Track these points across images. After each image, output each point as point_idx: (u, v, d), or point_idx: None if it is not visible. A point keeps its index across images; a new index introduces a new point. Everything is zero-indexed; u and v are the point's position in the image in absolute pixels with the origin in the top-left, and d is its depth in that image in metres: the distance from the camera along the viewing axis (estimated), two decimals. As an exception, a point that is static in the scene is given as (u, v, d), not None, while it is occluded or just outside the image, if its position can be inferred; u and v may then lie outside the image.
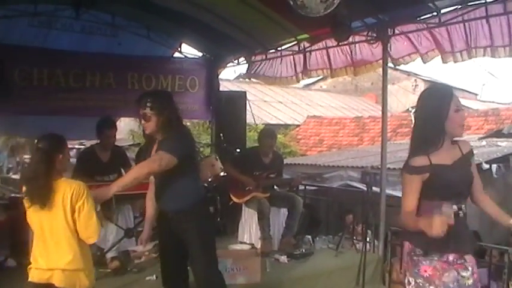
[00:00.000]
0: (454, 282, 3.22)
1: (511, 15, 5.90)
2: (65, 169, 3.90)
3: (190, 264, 4.61)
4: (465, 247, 3.30)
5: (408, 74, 26.39)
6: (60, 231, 3.71)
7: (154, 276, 5.81)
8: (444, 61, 6.74)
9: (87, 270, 3.82)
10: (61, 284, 3.69)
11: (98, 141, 6.94)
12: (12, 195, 9.16)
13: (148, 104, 4.29)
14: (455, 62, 6.64)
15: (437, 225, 2.96)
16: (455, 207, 3.22)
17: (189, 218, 4.42)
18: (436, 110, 3.25)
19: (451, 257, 3.24)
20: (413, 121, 3.43)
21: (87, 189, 3.74)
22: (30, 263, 3.83)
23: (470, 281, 3.27)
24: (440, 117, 3.23)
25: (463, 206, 3.31)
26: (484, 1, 5.93)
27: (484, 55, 6.31)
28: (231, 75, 27.73)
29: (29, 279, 3.78)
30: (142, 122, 4.34)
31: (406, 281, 3.32)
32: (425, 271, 3.24)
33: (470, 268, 3.28)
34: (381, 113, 7.64)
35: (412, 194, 3.27)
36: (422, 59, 7.06)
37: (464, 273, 3.26)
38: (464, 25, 6.32)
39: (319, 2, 5.07)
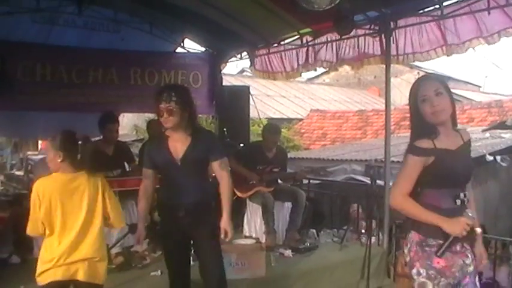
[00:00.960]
0: (459, 271, 3.22)
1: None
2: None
3: (199, 259, 4.57)
4: (467, 236, 3.23)
5: (411, 66, 26.33)
6: (90, 221, 3.93)
7: (159, 271, 5.82)
8: (448, 54, 6.71)
9: (105, 261, 4.06)
10: (85, 277, 3.84)
11: (101, 137, 6.96)
12: (16, 191, 9.20)
13: (173, 98, 4.26)
14: (458, 53, 6.60)
15: (461, 226, 3.06)
16: (462, 195, 3.22)
17: (207, 210, 4.47)
18: (411, 103, 3.34)
19: (458, 247, 3.22)
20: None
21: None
22: (35, 264, 3.86)
23: (471, 268, 3.28)
24: (415, 110, 3.31)
25: (467, 193, 3.30)
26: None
27: (484, 44, 6.27)
28: (234, 69, 27.70)
29: (51, 280, 3.79)
30: (165, 115, 4.27)
31: (415, 271, 3.26)
32: (438, 263, 3.20)
33: (469, 255, 3.28)
34: (384, 106, 7.62)
35: (412, 177, 3.23)
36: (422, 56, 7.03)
37: (467, 261, 3.25)
38: (468, 16, 6.28)
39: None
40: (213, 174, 4.64)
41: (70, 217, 3.83)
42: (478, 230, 3.27)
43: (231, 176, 4.57)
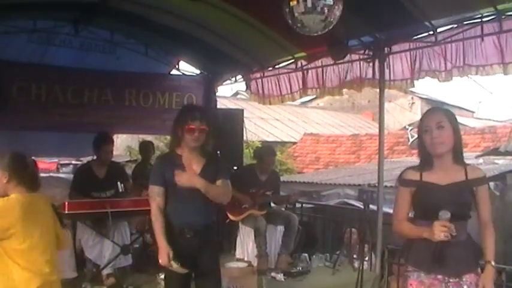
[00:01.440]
0: None
1: (507, 34, 5.93)
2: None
3: (200, 280, 4.54)
4: (460, 269, 3.33)
5: (405, 91, 26.45)
6: (53, 240, 3.88)
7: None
8: (440, 80, 6.76)
9: (59, 282, 3.96)
10: None
11: (95, 157, 6.96)
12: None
13: (204, 119, 4.42)
14: (448, 80, 6.66)
15: (437, 229, 3.15)
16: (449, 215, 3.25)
17: (212, 232, 4.53)
18: (418, 134, 3.52)
19: (439, 276, 3.32)
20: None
21: None
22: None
23: None
24: (420, 139, 3.47)
25: (452, 226, 3.27)
26: (479, 20, 5.97)
27: (477, 73, 6.34)
28: (228, 92, 27.77)
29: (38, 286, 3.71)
30: (196, 134, 4.35)
31: None
32: (411, 285, 3.37)
33: (465, 287, 3.32)
34: (377, 130, 7.65)
35: (402, 205, 3.48)
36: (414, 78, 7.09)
37: None
38: (463, 43, 6.34)
39: (318, 21, 5.10)
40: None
41: (44, 232, 3.76)
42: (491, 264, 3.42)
43: None
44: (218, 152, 8.94)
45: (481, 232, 3.50)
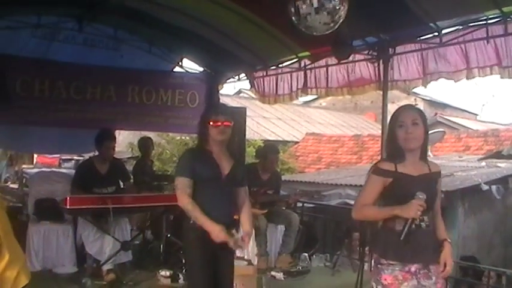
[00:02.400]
0: None
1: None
2: None
3: (218, 276, 4.44)
4: (428, 258, 3.43)
5: (408, 93, 26.42)
6: None
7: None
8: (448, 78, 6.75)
9: None
10: None
11: (97, 153, 6.97)
12: (10, 204, 9.16)
13: (229, 114, 4.51)
14: (455, 81, 6.64)
15: (415, 207, 3.27)
16: (417, 221, 3.38)
17: (235, 227, 4.53)
18: (389, 128, 3.63)
19: (413, 268, 3.40)
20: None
21: None
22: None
23: None
24: (391, 135, 3.58)
25: (426, 217, 3.45)
26: (484, 22, 5.96)
27: (480, 75, 6.33)
28: (231, 90, 27.74)
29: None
30: (222, 127, 4.39)
31: (371, 286, 3.58)
32: (385, 279, 3.42)
33: (433, 277, 3.43)
34: (380, 131, 7.64)
35: (371, 192, 3.51)
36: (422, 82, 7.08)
37: (425, 283, 3.41)
38: (465, 45, 6.34)
39: (323, 21, 5.09)
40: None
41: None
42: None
43: None
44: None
45: (434, 219, 3.60)
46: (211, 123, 4.37)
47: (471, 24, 6.13)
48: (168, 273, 6.36)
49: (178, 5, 7.27)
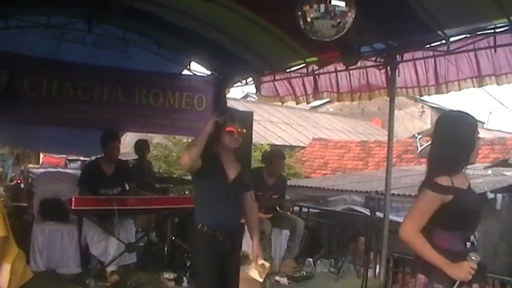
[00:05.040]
0: None
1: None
2: None
3: (224, 281, 4.45)
4: (475, 278, 3.21)
5: (415, 100, 26.41)
6: None
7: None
8: (447, 91, 6.77)
9: None
10: None
11: (103, 154, 6.98)
12: (15, 203, 9.20)
13: (242, 121, 4.53)
14: (461, 90, 6.64)
15: (466, 270, 3.06)
16: (473, 238, 3.22)
17: (240, 236, 4.63)
18: (467, 136, 3.28)
19: None
20: (433, 141, 3.41)
21: None
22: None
23: None
24: (470, 144, 3.27)
25: (476, 233, 3.29)
26: (492, 31, 5.95)
27: (488, 84, 6.33)
28: (238, 94, 27.79)
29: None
30: (235, 135, 4.38)
31: None
32: None
33: None
34: (386, 137, 7.63)
35: (428, 213, 3.19)
36: (424, 90, 7.10)
37: None
38: (476, 54, 6.33)
39: (331, 26, 5.10)
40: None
41: None
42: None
43: None
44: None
45: None
46: (226, 129, 4.35)
47: (479, 33, 6.12)
48: (172, 276, 6.37)
49: (188, 8, 7.29)
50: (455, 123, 3.36)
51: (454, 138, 3.28)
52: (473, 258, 3.10)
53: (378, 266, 7.40)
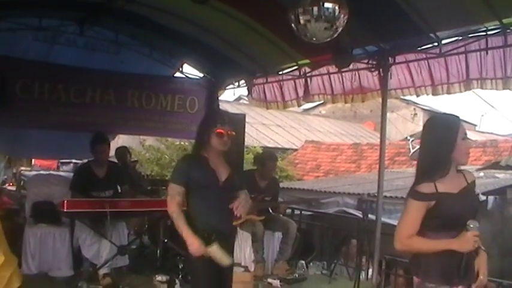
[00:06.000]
0: None
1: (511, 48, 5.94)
2: None
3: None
4: (473, 277, 3.27)
5: (407, 102, 26.48)
6: None
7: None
8: (442, 93, 6.79)
9: None
10: None
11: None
12: (7, 206, 9.17)
13: (232, 123, 4.55)
14: (452, 93, 6.68)
15: (470, 239, 3.10)
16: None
17: (233, 238, 4.60)
18: (445, 137, 3.28)
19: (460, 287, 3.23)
20: (419, 147, 3.42)
21: None
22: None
23: None
24: (449, 145, 3.25)
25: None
26: (484, 33, 5.98)
27: (480, 87, 6.36)
28: (231, 96, 27.76)
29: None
30: (225, 138, 4.39)
31: None
32: None
33: None
34: (379, 140, 7.65)
35: (415, 220, 3.23)
36: (417, 92, 7.13)
37: None
38: (466, 56, 6.36)
39: (323, 29, 5.11)
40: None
41: None
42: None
43: None
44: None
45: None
46: (216, 131, 4.35)
47: (471, 35, 6.15)
48: (164, 279, 6.35)
49: (180, 10, 7.29)
50: (436, 124, 3.41)
51: (435, 137, 3.31)
52: (471, 226, 3.13)
53: (370, 268, 7.42)
